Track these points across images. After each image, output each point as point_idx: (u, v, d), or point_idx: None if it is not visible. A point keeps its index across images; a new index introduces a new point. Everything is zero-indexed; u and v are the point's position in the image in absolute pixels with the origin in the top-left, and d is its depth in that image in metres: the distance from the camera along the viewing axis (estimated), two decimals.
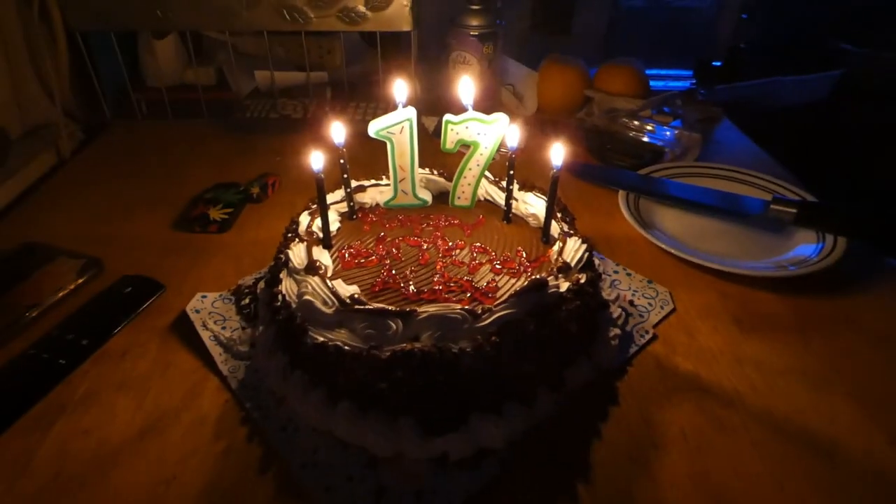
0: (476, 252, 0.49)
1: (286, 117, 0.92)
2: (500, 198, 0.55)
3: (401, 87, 0.51)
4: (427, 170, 0.57)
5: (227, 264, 0.62)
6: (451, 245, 0.49)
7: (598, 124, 0.90)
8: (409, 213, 0.54)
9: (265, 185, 0.74)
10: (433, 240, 0.50)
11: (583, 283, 0.45)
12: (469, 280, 0.45)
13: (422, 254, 0.48)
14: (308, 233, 0.49)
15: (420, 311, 0.39)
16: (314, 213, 0.51)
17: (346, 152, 0.50)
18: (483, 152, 0.51)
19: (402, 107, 0.50)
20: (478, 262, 0.47)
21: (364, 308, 0.40)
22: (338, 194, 0.54)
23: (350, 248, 0.49)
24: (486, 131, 0.50)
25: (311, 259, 0.45)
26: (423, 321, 0.39)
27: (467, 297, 0.43)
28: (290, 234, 0.50)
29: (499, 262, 0.47)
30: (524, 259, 0.48)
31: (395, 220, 0.53)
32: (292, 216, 0.52)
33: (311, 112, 0.93)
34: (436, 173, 0.57)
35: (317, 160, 0.46)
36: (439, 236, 0.51)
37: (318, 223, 0.49)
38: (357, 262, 0.47)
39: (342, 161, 0.50)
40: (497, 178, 0.56)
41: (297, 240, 0.48)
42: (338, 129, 0.49)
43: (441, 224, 0.53)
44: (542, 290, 0.42)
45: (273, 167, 0.79)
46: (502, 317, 0.40)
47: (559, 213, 0.51)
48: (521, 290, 0.41)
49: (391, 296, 0.43)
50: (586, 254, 0.47)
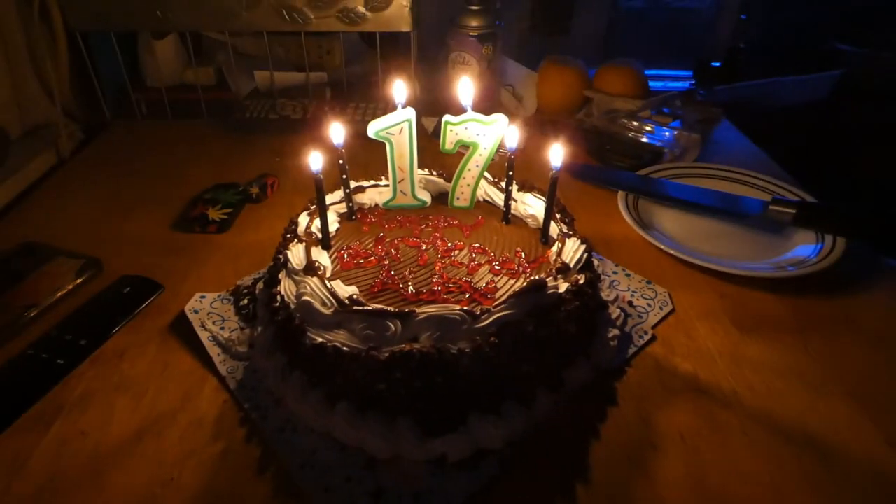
0: (475, 253, 0.49)
1: (285, 118, 0.92)
2: (499, 199, 0.55)
3: (400, 88, 0.51)
4: (426, 170, 0.57)
5: (226, 265, 0.62)
6: (450, 246, 0.49)
7: (598, 125, 0.90)
8: (408, 214, 0.54)
9: (264, 186, 0.74)
10: (432, 240, 0.50)
11: (582, 283, 0.45)
12: (468, 281, 0.45)
13: (421, 254, 0.48)
14: (307, 233, 0.49)
15: (419, 311, 0.39)
16: (313, 213, 0.51)
17: (345, 153, 0.50)
18: (482, 153, 0.51)
19: (401, 107, 0.50)
20: (477, 263, 0.47)
21: (363, 309, 0.40)
22: (337, 195, 0.54)
23: (349, 248, 0.49)
24: (485, 132, 0.50)
25: (310, 260, 0.45)
26: (421, 322, 0.39)
27: (466, 297, 0.43)
28: (289, 235, 0.49)
29: (498, 263, 0.47)
30: (523, 260, 0.48)
31: (394, 220, 0.53)
32: (291, 217, 0.52)
33: (311, 112, 0.93)
34: (435, 174, 0.57)
35: (316, 161, 0.46)
36: (438, 237, 0.51)
37: (317, 224, 0.49)
38: (356, 262, 0.47)
39: (341, 162, 0.50)
40: (496, 179, 0.56)
41: (295, 240, 0.48)
42: (337, 130, 0.49)
43: (440, 225, 0.53)
44: (541, 291, 0.42)
45: (272, 167, 0.79)
46: (501, 317, 0.40)
47: (558, 214, 0.51)
48: (520, 290, 0.41)
49: (390, 297, 0.43)
50: (585, 254, 0.47)
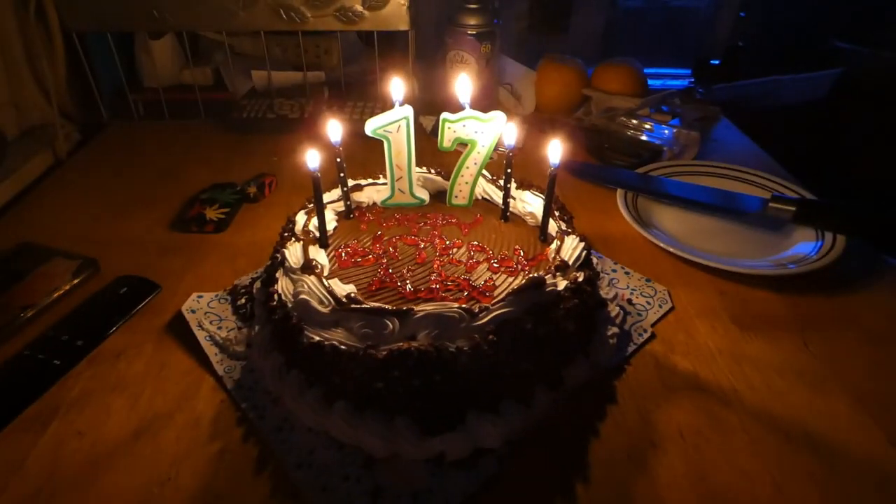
0: (473, 251, 0.48)
1: (283, 117, 0.92)
2: (497, 196, 0.55)
3: (397, 86, 0.51)
4: (424, 168, 0.57)
5: (224, 264, 0.61)
6: (449, 244, 0.49)
7: (597, 123, 0.90)
8: (406, 212, 0.54)
9: (262, 185, 0.73)
10: (430, 238, 0.50)
11: (581, 281, 0.45)
12: (466, 279, 0.45)
13: (419, 253, 0.48)
14: (304, 232, 0.49)
15: (417, 309, 0.39)
16: (311, 212, 0.51)
17: (342, 151, 0.50)
18: (480, 151, 0.51)
19: (398, 105, 0.50)
20: (475, 261, 0.47)
21: (360, 307, 0.40)
22: (334, 193, 0.54)
23: (347, 247, 0.49)
24: (483, 129, 0.50)
25: (308, 258, 0.45)
26: (419, 320, 0.39)
27: (464, 295, 0.43)
28: (286, 234, 0.49)
29: (496, 261, 0.47)
30: (522, 258, 0.47)
31: (392, 218, 0.53)
32: (289, 215, 0.52)
33: (308, 112, 0.92)
34: (433, 172, 0.57)
35: (313, 159, 0.46)
36: (437, 235, 0.50)
37: (315, 222, 0.49)
38: (354, 261, 0.47)
39: (339, 160, 0.50)
40: (495, 177, 0.56)
41: (293, 239, 0.48)
42: (334, 128, 0.48)
43: (438, 223, 0.52)
44: (539, 289, 0.42)
45: (270, 167, 0.79)
46: (500, 315, 0.40)
47: (557, 212, 0.51)
48: (518, 288, 0.41)
49: (388, 295, 0.43)
50: (584, 252, 0.47)
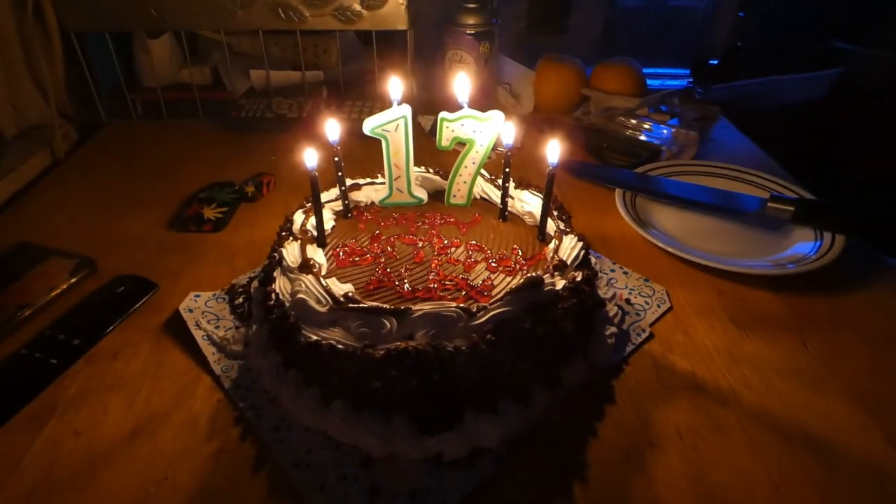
0: (472, 250, 0.48)
1: (281, 116, 0.91)
2: (496, 196, 0.54)
3: (396, 85, 0.51)
4: (423, 168, 0.56)
5: (222, 263, 0.61)
6: (447, 243, 0.49)
7: (595, 123, 0.90)
8: (404, 212, 0.54)
9: (260, 185, 0.73)
10: (428, 238, 0.50)
11: (579, 280, 0.45)
12: (465, 278, 0.45)
13: (417, 252, 0.48)
14: (302, 231, 0.49)
15: (415, 309, 0.39)
16: (308, 211, 0.51)
17: (340, 150, 0.49)
18: (479, 150, 0.51)
19: (397, 104, 0.50)
20: (473, 261, 0.47)
21: (358, 306, 0.40)
22: (332, 192, 0.54)
23: (345, 246, 0.49)
24: (481, 129, 0.50)
25: (306, 257, 0.45)
26: (417, 319, 0.39)
27: (463, 295, 0.43)
28: (284, 233, 0.49)
29: (494, 260, 0.47)
30: (520, 257, 0.47)
31: (391, 218, 0.53)
32: (287, 215, 0.52)
33: (307, 111, 0.92)
34: (431, 171, 0.57)
35: (311, 158, 0.45)
36: (435, 234, 0.50)
37: (313, 221, 0.49)
38: (352, 260, 0.47)
39: (336, 159, 0.50)
40: (493, 177, 0.56)
41: (291, 238, 0.48)
42: (332, 126, 0.48)
43: (437, 222, 0.52)
44: (537, 288, 0.42)
45: (268, 166, 0.79)
46: (498, 315, 0.39)
47: (555, 211, 0.51)
48: (516, 287, 0.41)
49: (386, 294, 0.43)
50: (582, 252, 0.47)
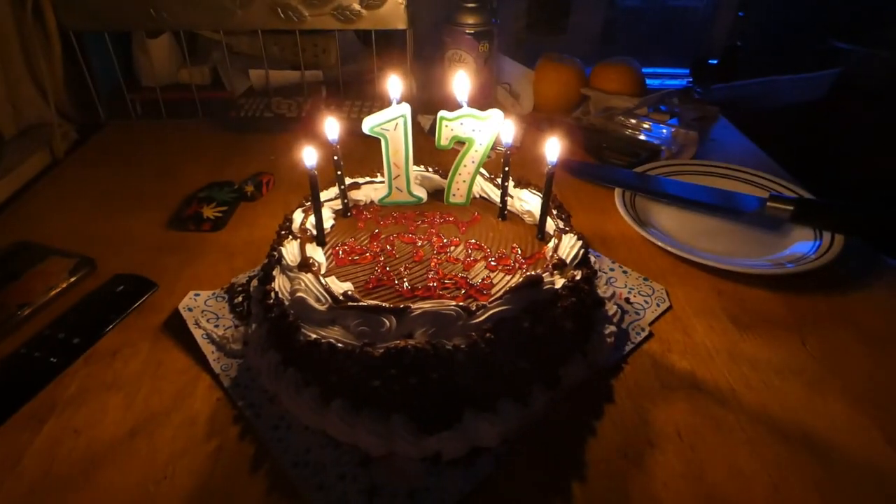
0: (471, 249, 0.48)
1: (281, 116, 0.91)
2: (495, 195, 0.54)
3: (395, 84, 0.51)
4: (422, 167, 0.56)
5: (221, 263, 0.61)
6: (446, 242, 0.49)
7: (595, 123, 0.90)
8: (403, 211, 0.54)
9: (259, 184, 0.73)
10: (428, 237, 0.50)
11: (578, 279, 0.45)
12: (464, 277, 0.45)
13: (416, 251, 0.48)
14: (302, 230, 0.49)
15: (414, 307, 0.39)
16: (308, 210, 0.51)
17: (339, 149, 0.49)
18: (478, 149, 0.51)
19: (396, 103, 0.50)
20: (473, 259, 0.47)
21: (357, 305, 0.40)
22: (332, 191, 0.54)
23: (344, 245, 0.49)
24: (480, 128, 0.50)
25: (305, 256, 0.45)
26: (416, 318, 0.39)
27: (462, 293, 0.43)
28: (283, 232, 0.49)
29: (494, 259, 0.47)
30: (519, 256, 0.47)
31: (390, 217, 0.53)
32: (286, 214, 0.52)
33: (306, 111, 0.92)
34: (431, 170, 0.57)
35: (310, 157, 0.45)
36: (434, 233, 0.50)
37: (312, 220, 0.49)
38: (351, 259, 0.47)
39: (336, 158, 0.50)
40: (492, 176, 0.56)
41: (290, 237, 0.48)
42: (331, 125, 0.48)
43: (436, 221, 0.52)
44: (536, 287, 0.42)
45: (267, 166, 0.79)
46: (497, 313, 0.39)
47: (555, 210, 0.51)
48: (515, 286, 0.41)
49: (385, 293, 0.43)
50: (581, 251, 0.47)
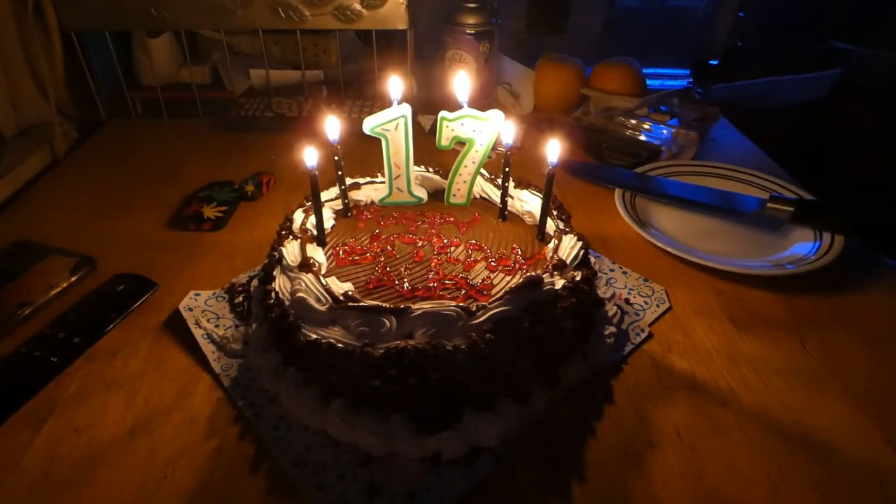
0: (471, 249, 0.48)
1: (281, 116, 0.92)
2: (495, 195, 0.54)
3: (395, 84, 0.51)
4: (422, 167, 0.56)
5: (221, 262, 0.61)
6: (447, 242, 0.49)
7: (595, 123, 0.90)
8: (404, 211, 0.54)
9: (259, 184, 0.73)
10: (428, 237, 0.50)
11: (578, 280, 0.45)
12: (464, 277, 0.45)
13: (416, 251, 0.48)
14: (302, 230, 0.49)
15: (414, 308, 0.39)
16: (308, 210, 0.51)
17: (340, 149, 0.49)
18: (478, 149, 0.51)
19: (396, 104, 0.50)
20: (473, 260, 0.47)
21: (357, 305, 0.40)
22: (332, 192, 0.54)
23: (344, 245, 0.49)
24: (481, 128, 0.50)
25: (305, 256, 0.45)
26: (416, 318, 0.39)
27: (462, 294, 0.43)
28: (283, 232, 0.49)
29: (494, 260, 0.47)
30: (519, 256, 0.47)
31: (390, 217, 0.53)
32: (286, 213, 0.52)
33: (307, 111, 0.92)
34: (431, 171, 0.57)
35: (310, 156, 0.45)
36: (434, 234, 0.50)
37: (313, 220, 0.49)
38: (351, 259, 0.47)
39: (336, 158, 0.50)
40: (493, 176, 0.56)
41: (290, 237, 0.48)
42: (332, 125, 0.48)
43: (436, 221, 0.52)
44: (537, 288, 0.42)
45: (268, 166, 0.79)
46: (497, 314, 0.39)
47: (555, 211, 0.51)
48: (515, 287, 0.41)
49: (385, 293, 0.43)
50: (582, 251, 0.47)
